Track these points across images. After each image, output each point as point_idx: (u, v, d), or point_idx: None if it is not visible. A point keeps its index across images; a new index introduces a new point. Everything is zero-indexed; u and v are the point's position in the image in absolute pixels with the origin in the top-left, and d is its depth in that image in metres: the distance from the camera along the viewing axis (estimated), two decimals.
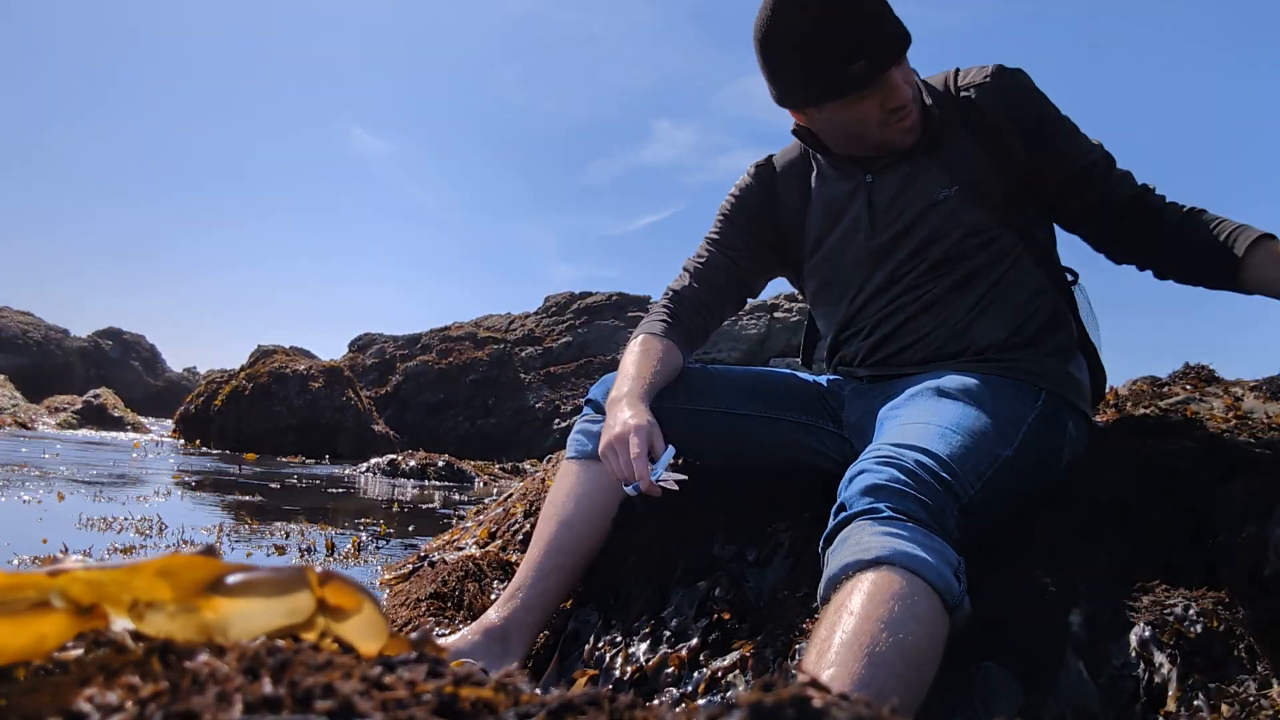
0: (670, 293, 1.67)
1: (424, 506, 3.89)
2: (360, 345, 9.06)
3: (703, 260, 1.67)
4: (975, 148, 1.45)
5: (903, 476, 1.11)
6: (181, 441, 6.51)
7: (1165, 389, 1.70)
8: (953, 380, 1.35)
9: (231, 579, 0.40)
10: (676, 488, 1.33)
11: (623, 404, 1.42)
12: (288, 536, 2.56)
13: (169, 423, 8.26)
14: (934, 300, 1.47)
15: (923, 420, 1.25)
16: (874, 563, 1.01)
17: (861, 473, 1.14)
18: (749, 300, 1.77)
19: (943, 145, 1.47)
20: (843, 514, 1.11)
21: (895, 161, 1.48)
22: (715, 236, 1.67)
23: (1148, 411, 1.56)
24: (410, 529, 3.11)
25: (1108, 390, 1.69)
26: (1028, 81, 1.45)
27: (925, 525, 1.07)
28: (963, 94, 1.46)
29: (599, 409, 1.60)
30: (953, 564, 1.05)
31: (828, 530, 1.12)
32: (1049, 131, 1.44)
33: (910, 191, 1.48)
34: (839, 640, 0.95)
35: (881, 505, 1.08)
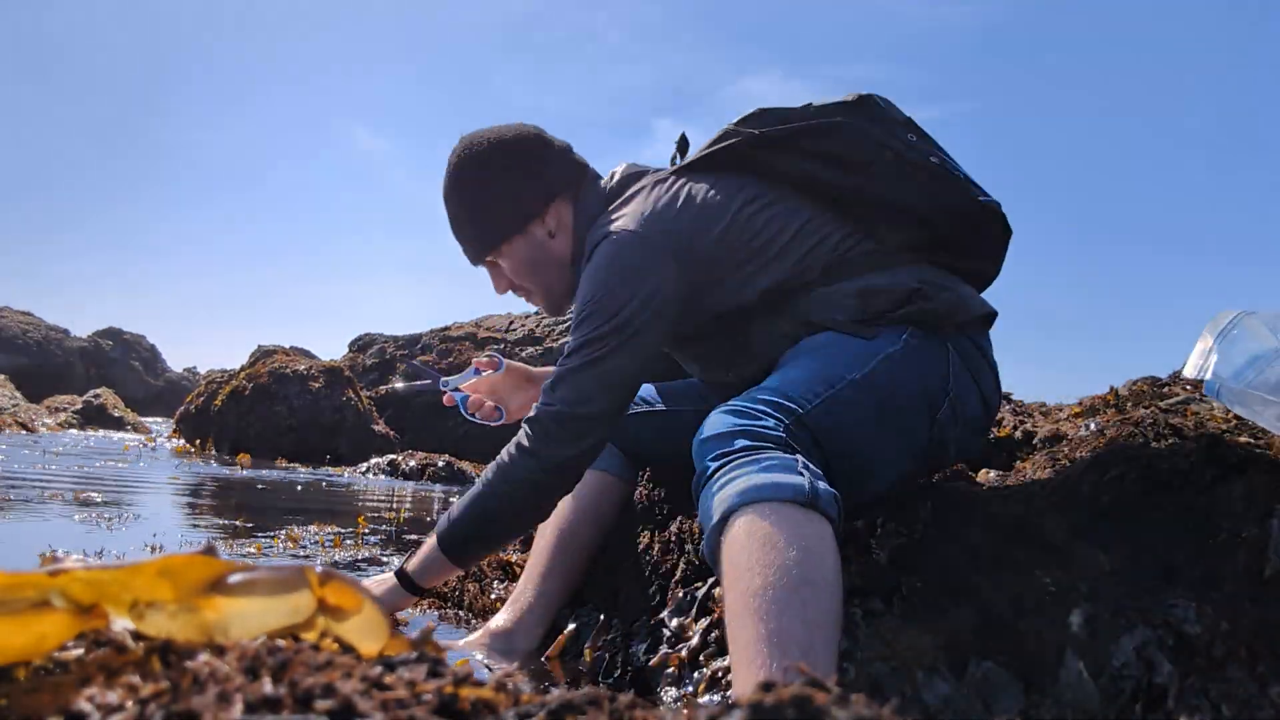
0: None
1: (424, 507, 3.89)
2: (360, 345, 9.06)
3: None
4: None
5: (719, 416, 1.14)
6: (181, 441, 6.50)
7: (1165, 389, 1.70)
8: (807, 341, 1.34)
9: (232, 579, 0.40)
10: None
11: None
12: (288, 543, 2.56)
13: (168, 423, 8.25)
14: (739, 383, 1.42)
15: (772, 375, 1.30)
16: (722, 522, 1.02)
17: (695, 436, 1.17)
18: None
19: None
20: (692, 490, 1.14)
21: None
22: None
23: (1148, 411, 1.56)
24: (410, 530, 3.11)
25: (1108, 390, 1.69)
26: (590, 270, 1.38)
27: (750, 449, 1.06)
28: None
29: None
30: (792, 464, 1.04)
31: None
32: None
33: None
34: (731, 613, 0.96)
35: (707, 462, 1.09)
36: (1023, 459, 1.82)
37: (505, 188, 1.50)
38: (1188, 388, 1.67)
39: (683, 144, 1.55)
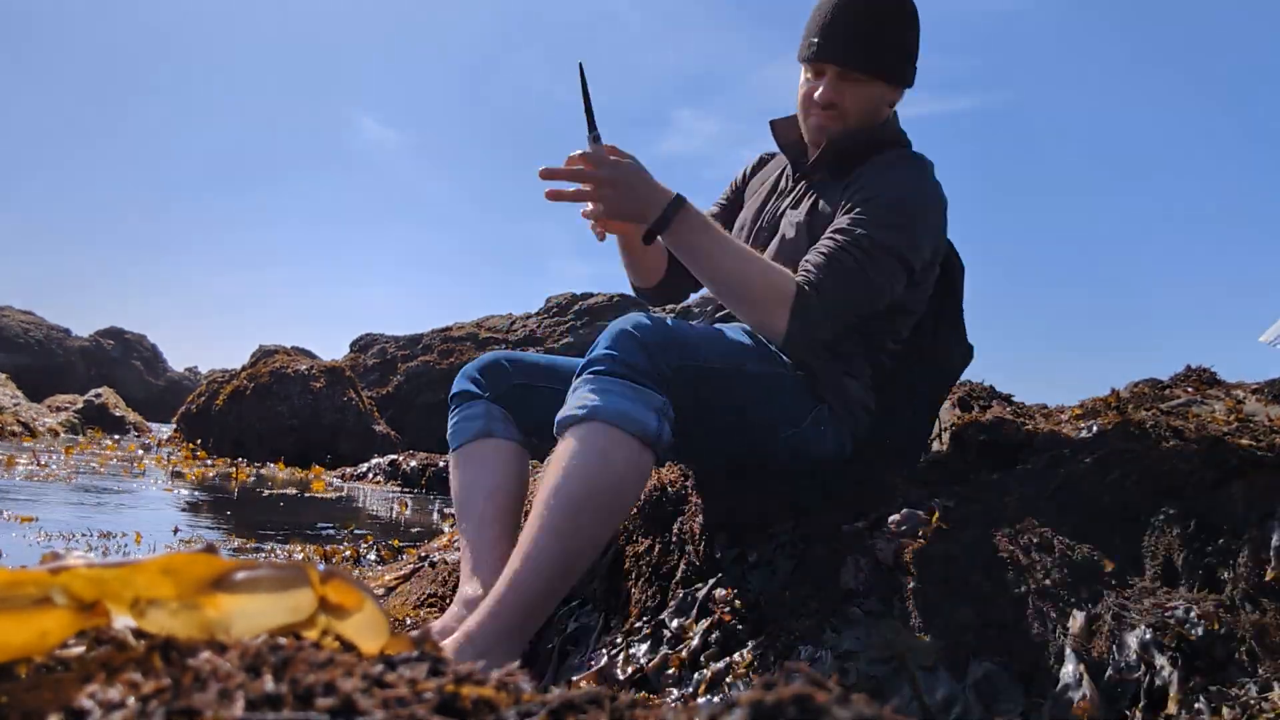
0: None
1: (424, 507, 3.89)
2: (361, 345, 9.06)
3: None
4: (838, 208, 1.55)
5: (631, 324, 1.31)
6: (181, 449, 6.50)
7: (1167, 391, 1.70)
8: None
9: (234, 576, 0.40)
10: None
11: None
12: (287, 553, 2.57)
13: (166, 428, 8.24)
14: None
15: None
16: (573, 420, 1.26)
17: (603, 332, 1.35)
18: None
19: (827, 192, 1.58)
20: (580, 366, 1.34)
21: (814, 186, 1.61)
22: (720, 200, 1.89)
23: (1149, 413, 1.56)
24: (411, 530, 3.11)
25: (1109, 392, 1.69)
26: (899, 176, 1.52)
27: (630, 376, 1.27)
28: (864, 165, 1.56)
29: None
30: (656, 405, 1.27)
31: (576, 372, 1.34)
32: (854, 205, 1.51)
33: (817, 211, 1.58)
34: (544, 487, 1.24)
35: (599, 362, 1.29)
36: (1023, 460, 1.81)
37: (915, 47, 1.59)
38: (1189, 390, 1.67)
39: None
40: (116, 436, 7.03)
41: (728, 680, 1.25)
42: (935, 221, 1.53)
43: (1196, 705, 0.99)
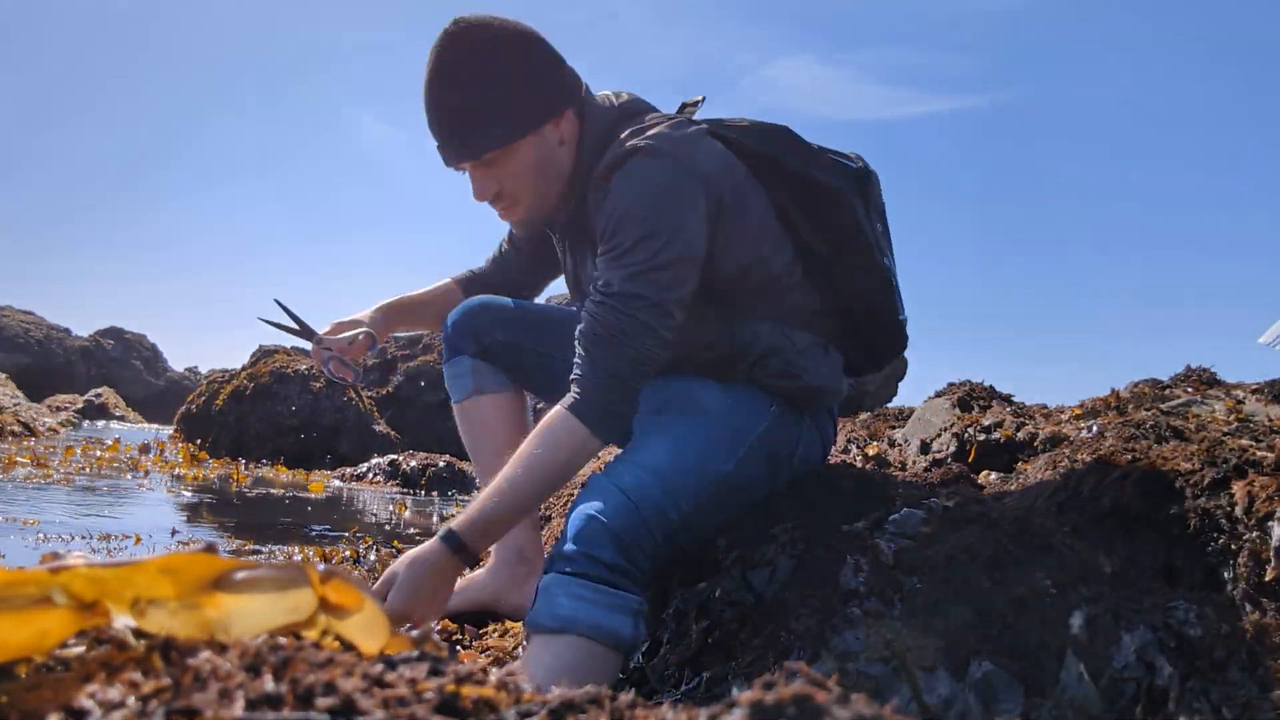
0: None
1: (424, 508, 3.89)
2: None
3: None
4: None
5: (602, 520, 1.20)
6: (181, 449, 6.50)
7: (1167, 391, 1.71)
8: (687, 389, 1.43)
9: (234, 576, 0.40)
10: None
11: None
12: (289, 553, 2.56)
13: (164, 429, 8.24)
14: None
15: (650, 442, 1.33)
16: (544, 629, 1.17)
17: (576, 506, 1.25)
18: None
19: (590, 228, 1.42)
20: (553, 551, 1.23)
21: (566, 232, 1.51)
22: None
23: (1149, 414, 1.56)
24: (411, 531, 3.11)
25: (1109, 392, 1.69)
26: (625, 185, 1.32)
27: (607, 580, 1.18)
28: (599, 178, 1.37)
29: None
30: (631, 610, 1.19)
31: (548, 557, 1.24)
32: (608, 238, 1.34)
33: (581, 269, 1.50)
34: None
35: (569, 560, 1.19)
36: (1024, 461, 1.81)
37: (532, 77, 1.36)
38: (1189, 390, 1.67)
39: (698, 103, 1.52)
40: (116, 436, 7.02)
41: (727, 680, 1.25)
42: (683, 196, 1.30)
43: (1196, 705, 0.99)
